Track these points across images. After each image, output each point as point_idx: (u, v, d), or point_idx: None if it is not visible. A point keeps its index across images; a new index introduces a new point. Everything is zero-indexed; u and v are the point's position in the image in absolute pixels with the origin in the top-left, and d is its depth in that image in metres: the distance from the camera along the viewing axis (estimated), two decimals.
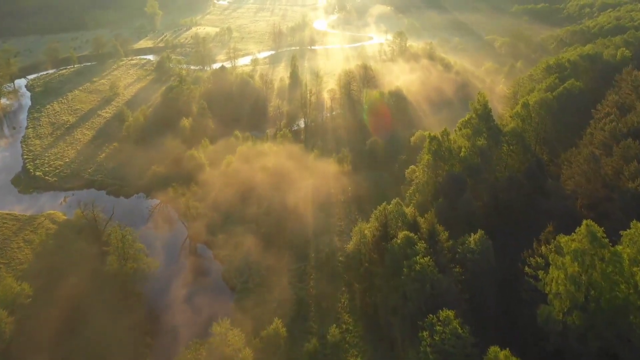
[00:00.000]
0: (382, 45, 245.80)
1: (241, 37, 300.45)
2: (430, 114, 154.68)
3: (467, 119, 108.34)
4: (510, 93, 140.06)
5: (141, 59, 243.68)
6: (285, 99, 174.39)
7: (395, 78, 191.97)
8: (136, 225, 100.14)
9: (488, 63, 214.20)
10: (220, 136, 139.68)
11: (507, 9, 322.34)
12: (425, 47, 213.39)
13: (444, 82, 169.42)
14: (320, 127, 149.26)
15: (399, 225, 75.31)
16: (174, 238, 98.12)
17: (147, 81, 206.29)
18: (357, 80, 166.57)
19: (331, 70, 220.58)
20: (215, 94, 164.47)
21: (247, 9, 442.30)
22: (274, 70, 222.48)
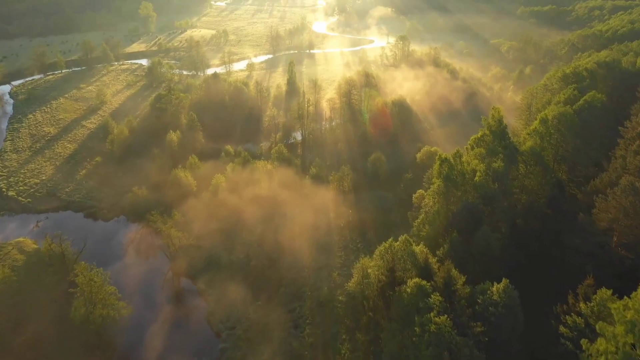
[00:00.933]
0: (383, 49, 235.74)
1: (238, 40, 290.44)
2: (436, 126, 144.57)
3: (480, 136, 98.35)
4: (523, 104, 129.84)
5: (132, 64, 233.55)
6: (282, 108, 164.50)
7: (398, 86, 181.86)
8: (113, 256, 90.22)
9: (495, 68, 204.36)
10: (210, 151, 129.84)
11: (513, 11, 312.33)
12: (429, 52, 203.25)
13: (451, 91, 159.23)
14: (319, 139, 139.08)
15: (408, 268, 65.19)
16: (154, 271, 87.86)
17: (137, 88, 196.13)
18: (357, 88, 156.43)
19: (330, 76, 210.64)
20: (207, 104, 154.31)
21: (244, 10, 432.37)
22: (270, 76, 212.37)
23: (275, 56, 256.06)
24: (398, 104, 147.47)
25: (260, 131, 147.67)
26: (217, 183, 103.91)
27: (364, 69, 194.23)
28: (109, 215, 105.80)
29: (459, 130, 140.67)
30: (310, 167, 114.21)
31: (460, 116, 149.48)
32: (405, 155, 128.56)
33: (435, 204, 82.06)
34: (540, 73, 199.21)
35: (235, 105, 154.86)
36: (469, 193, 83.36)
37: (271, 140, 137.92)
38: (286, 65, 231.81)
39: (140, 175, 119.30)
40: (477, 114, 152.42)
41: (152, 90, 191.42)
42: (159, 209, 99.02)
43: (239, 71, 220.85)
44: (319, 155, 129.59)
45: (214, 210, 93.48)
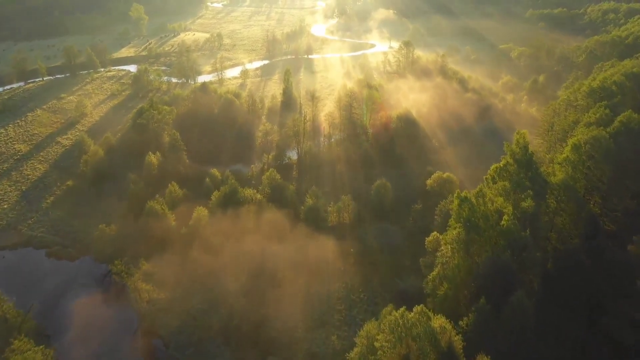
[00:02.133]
0: (386, 54, 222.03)
1: (232, 45, 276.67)
2: (446, 145, 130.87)
3: (503, 165, 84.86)
4: (545, 123, 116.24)
5: (120, 70, 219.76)
6: (277, 121, 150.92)
7: (403, 96, 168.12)
8: (71, 311, 76.56)
9: (506, 76, 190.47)
10: (195, 175, 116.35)
11: (521, 14, 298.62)
12: (436, 60, 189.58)
13: (462, 104, 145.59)
14: (316, 158, 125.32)
15: (426, 352, 51.56)
16: (120, 332, 74.16)
17: (121, 98, 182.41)
18: (359, 101, 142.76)
19: (330, 84, 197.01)
20: (194, 119, 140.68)
21: (241, 12, 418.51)
22: (265, 85, 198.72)
23: (272, 62, 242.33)
24: (403, 118, 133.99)
25: (252, 149, 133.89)
26: (198, 217, 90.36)
27: (365, 77, 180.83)
28: (75, 254, 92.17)
29: (472, 150, 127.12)
30: (306, 196, 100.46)
31: (472, 133, 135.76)
32: (413, 179, 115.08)
33: (455, 255, 68.39)
34: (555, 82, 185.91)
35: (225, 120, 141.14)
36: (493, 239, 69.79)
37: (263, 161, 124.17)
38: (283, 71, 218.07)
39: (115, 205, 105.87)
40: (492, 131, 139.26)
41: (138, 100, 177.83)
42: (130, 250, 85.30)
43: (232, 79, 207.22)
44: (316, 179, 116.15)
45: (192, 256, 79.82)
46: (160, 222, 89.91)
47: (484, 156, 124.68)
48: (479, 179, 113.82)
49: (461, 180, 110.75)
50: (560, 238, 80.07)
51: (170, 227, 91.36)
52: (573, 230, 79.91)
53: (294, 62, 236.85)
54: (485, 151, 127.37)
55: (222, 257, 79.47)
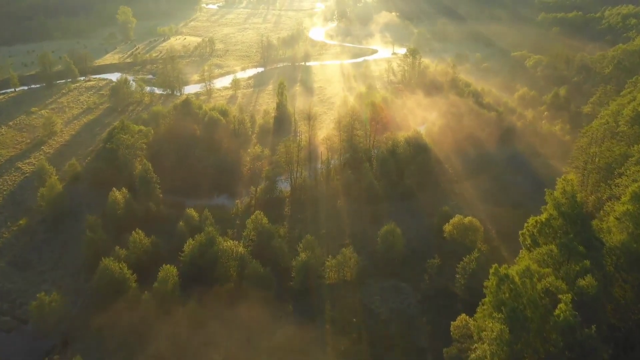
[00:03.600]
0: (389, 62, 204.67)
1: (225, 50, 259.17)
2: (463, 175, 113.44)
3: (546, 221, 67.44)
4: (582, 154, 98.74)
5: (100, 80, 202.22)
6: (269, 143, 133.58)
7: (411, 113, 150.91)
8: None
9: (522, 88, 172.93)
10: (168, 215, 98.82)
11: (532, 17, 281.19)
12: (446, 70, 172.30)
13: (479, 124, 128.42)
14: (312, 192, 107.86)
15: None
16: None
17: (98, 112, 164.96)
18: (361, 121, 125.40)
19: (329, 96, 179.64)
20: (173, 141, 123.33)
21: (237, 14, 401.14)
22: (258, 96, 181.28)
23: (266, 70, 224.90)
24: (413, 142, 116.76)
25: (240, 178, 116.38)
26: (165, 277, 72.99)
27: (367, 91, 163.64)
28: (11, 323, 74.66)
29: (493, 182, 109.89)
30: (298, 245, 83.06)
31: (493, 161, 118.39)
32: (426, 219, 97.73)
33: (495, 356, 50.96)
34: (577, 94, 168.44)
35: (209, 143, 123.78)
36: (544, 333, 52.41)
37: (251, 194, 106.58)
38: (278, 81, 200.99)
39: (73, 252, 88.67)
40: (514, 156, 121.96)
41: (116, 115, 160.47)
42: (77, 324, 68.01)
43: (222, 89, 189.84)
44: (312, 218, 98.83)
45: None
46: (116, 285, 72.47)
47: (507, 190, 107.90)
48: (504, 221, 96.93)
49: (483, 222, 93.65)
50: (620, 316, 62.86)
51: (130, 286, 74.00)
52: (635, 307, 62.70)
53: (290, 70, 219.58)
54: (509, 183, 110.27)
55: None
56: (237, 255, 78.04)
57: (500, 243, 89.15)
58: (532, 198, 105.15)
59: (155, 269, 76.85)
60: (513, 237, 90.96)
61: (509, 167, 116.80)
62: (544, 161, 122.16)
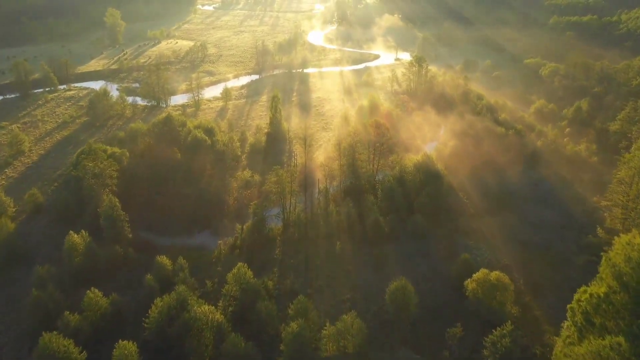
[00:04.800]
0: (393, 71, 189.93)
1: (218, 55, 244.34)
2: (483, 209, 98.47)
3: (604, 295, 52.77)
4: (623, 187, 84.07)
5: (81, 89, 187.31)
6: (260, 165, 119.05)
7: (418, 129, 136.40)
8: None
9: (539, 100, 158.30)
10: (137, 261, 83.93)
11: (542, 20, 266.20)
12: (455, 81, 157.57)
13: (498, 146, 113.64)
14: (308, 230, 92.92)
15: None
16: None
17: (75, 126, 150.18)
18: (364, 144, 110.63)
19: (328, 108, 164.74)
20: (150, 166, 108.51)
21: (233, 16, 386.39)
22: (251, 109, 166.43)
23: (261, 77, 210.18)
24: (423, 169, 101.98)
25: (225, 209, 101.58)
26: (121, 357, 58.24)
27: (370, 102, 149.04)
28: None
29: (518, 219, 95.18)
30: (289, 305, 68.39)
31: (516, 191, 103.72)
32: (441, 265, 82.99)
33: None
34: (599, 107, 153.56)
35: (191, 168, 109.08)
36: None
37: (236, 233, 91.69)
38: (273, 90, 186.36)
39: (18, 313, 73.85)
40: (541, 187, 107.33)
41: (94, 131, 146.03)
42: None
43: (212, 100, 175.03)
44: (307, 266, 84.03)
45: None
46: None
47: (534, 227, 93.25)
48: (534, 267, 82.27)
49: (509, 269, 79.35)
50: None
51: None
52: None
53: (287, 78, 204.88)
54: (535, 218, 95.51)
55: None
56: (214, 323, 63.28)
57: (532, 300, 74.50)
58: (562, 237, 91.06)
59: (115, 338, 62.19)
60: (547, 290, 77.05)
61: (533, 197, 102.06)
62: (571, 190, 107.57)
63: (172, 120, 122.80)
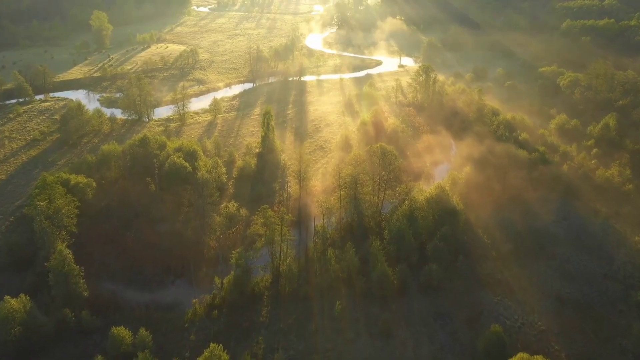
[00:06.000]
0: (397, 80, 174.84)
1: (210, 61, 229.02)
2: (508, 255, 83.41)
3: None
4: None
5: (59, 100, 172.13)
6: (247, 195, 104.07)
7: (427, 150, 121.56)
8: None
9: (560, 115, 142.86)
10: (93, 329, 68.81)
11: (554, 24, 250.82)
12: (468, 94, 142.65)
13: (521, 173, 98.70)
14: (301, 284, 77.83)
15: None
16: None
17: (46, 145, 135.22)
18: (369, 173, 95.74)
19: (326, 124, 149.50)
20: (120, 199, 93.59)
21: (229, 18, 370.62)
22: (241, 124, 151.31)
23: (255, 87, 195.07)
24: (437, 204, 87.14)
25: (205, 252, 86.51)
26: None
27: (374, 115, 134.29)
28: None
29: (551, 267, 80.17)
30: None
31: (546, 231, 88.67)
32: (463, 334, 67.97)
33: None
34: (629, 125, 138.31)
35: (168, 201, 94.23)
36: None
37: (216, 289, 76.51)
38: (267, 101, 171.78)
39: None
40: (575, 224, 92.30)
41: (66, 150, 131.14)
42: None
43: (200, 113, 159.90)
44: (299, 333, 69.03)
45: None
46: None
47: (571, 277, 78.46)
48: (576, 336, 67.18)
49: (547, 341, 64.69)
50: None
51: None
52: None
53: (283, 87, 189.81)
54: (571, 266, 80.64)
55: None
56: None
57: None
58: (605, 291, 76.48)
59: None
60: None
61: (566, 237, 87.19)
62: (608, 227, 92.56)
63: (148, 143, 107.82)
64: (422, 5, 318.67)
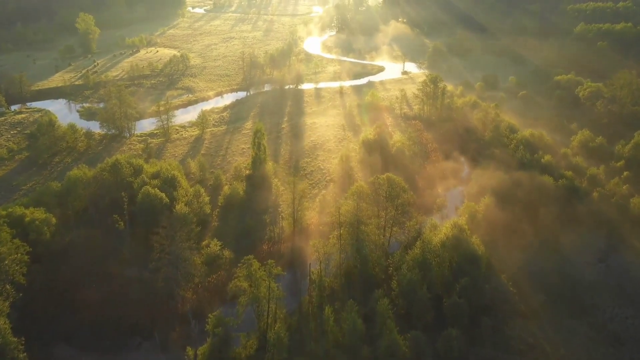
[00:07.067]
0: (402, 90, 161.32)
1: (202, 67, 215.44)
2: (542, 312, 69.92)
3: None
4: None
5: (35, 111, 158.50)
6: (233, 234, 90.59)
7: (438, 174, 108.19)
8: None
9: (582, 131, 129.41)
10: None
11: (566, 28, 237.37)
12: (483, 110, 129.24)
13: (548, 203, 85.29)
14: (292, 348, 64.29)
15: None
16: None
17: (12, 165, 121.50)
18: (372, 207, 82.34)
19: (326, 138, 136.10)
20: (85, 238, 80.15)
21: (224, 19, 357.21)
22: (231, 140, 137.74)
23: (248, 96, 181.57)
24: (454, 248, 73.82)
25: (177, 308, 72.98)
26: None
27: (378, 132, 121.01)
28: None
29: (594, 331, 66.52)
30: None
31: (581, 278, 75.08)
32: None
33: None
34: None
35: (138, 241, 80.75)
36: None
37: (188, 354, 62.98)
38: (261, 113, 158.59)
39: None
40: (615, 270, 78.80)
41: (34, 171, 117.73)
42: None
43: (186, 127, 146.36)
44: None
45: None
46: None
47: (620, 348, 64.50)
48: None
49: None
50: None
51: None
52: None
53: (278, 97, 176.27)
54: (620, 329, 67.12)
55: None
56: None
57: None
58: None
59: None
60: None
61: (607, 286, 73.75)
62: None
63: (121, 169, 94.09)
64: (425, 7, 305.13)
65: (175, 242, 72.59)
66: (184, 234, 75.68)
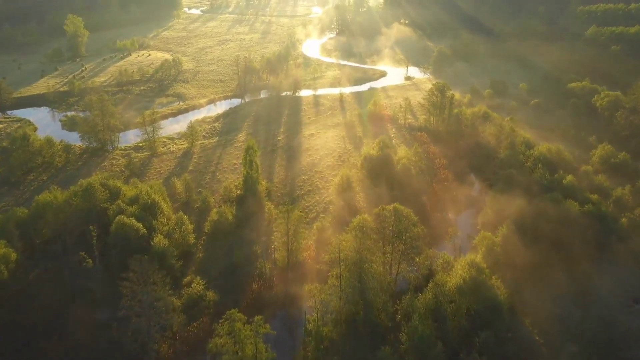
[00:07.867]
0: (407, 99, 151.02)
1: (195, 72, 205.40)
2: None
3: None
4: None
5: (14, 120, 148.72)
6: (219, 267, 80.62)
7: (448, 196, 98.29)
8: None
9: (602, 145, 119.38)
10: None
11: (576, 30, 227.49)
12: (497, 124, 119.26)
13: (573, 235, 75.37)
14: None
15: None
16: None
17: None
18: (377, 242, 72.34)
19: (325, 153, 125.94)
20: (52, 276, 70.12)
21: (221, 21, 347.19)
22: (223, 152, 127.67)
23: (243, 104, 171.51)
24: (472, 295, 63.89)
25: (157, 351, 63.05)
26: None
27: (382, 149, 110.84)
28: None
29: None
30: None
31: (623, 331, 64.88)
32: None
33: None
34: None
35: (111, 279, 70.67)
36: None
37: None
38: (255, 123, 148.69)
39: None
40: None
41: (5, 191, 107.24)
42: None
43: (175, 139, 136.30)
44: None
45: None
46: None
47: None
48: None
49: None
50: None
51: None
52: None
53: (274, 105, 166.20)
54: None
55: None
56: None
57: None
58: None
59: None
60: None
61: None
62: None
63: (94, 193, 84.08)
64: (427, 8, 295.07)
65: (148, 288, 62.39)
66: (160, 276, 65.35)
